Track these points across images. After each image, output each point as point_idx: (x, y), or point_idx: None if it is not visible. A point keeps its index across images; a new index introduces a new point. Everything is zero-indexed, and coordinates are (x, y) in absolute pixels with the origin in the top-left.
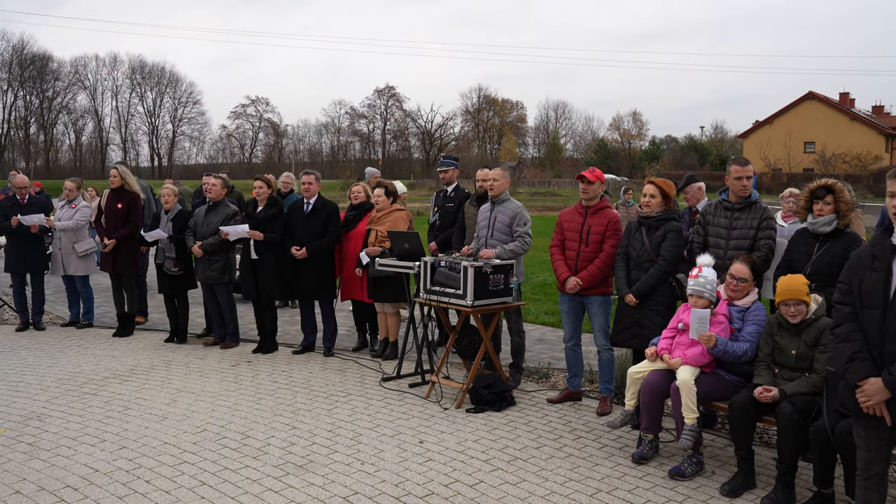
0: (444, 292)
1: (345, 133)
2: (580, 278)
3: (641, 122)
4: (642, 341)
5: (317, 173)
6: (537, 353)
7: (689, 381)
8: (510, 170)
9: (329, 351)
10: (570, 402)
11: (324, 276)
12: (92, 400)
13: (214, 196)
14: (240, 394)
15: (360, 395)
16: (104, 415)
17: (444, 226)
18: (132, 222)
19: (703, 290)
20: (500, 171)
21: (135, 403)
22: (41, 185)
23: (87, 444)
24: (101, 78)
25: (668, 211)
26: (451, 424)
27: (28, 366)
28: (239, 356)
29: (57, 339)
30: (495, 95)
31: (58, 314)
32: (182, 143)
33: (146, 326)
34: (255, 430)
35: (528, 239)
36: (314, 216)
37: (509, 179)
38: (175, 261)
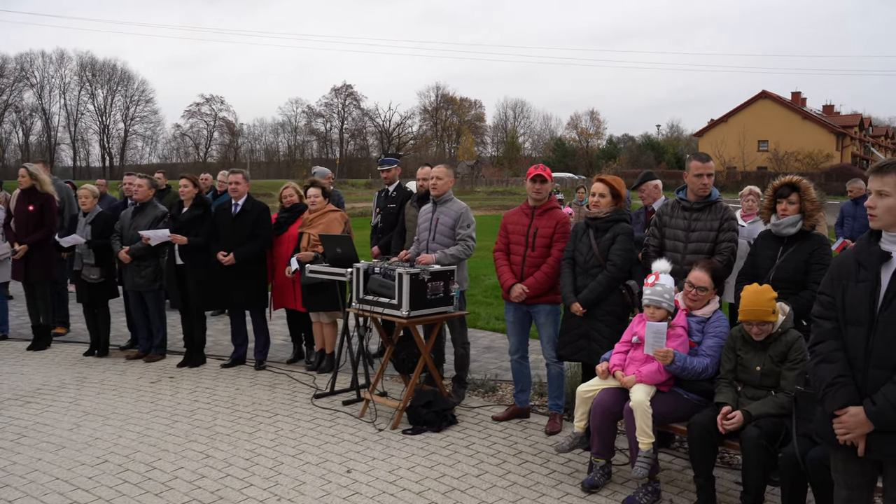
0: (378, 302)
1: (302, 132)
2: (526, 285)
3: (599, 121)
4: (590, 355)
5: (245, 172)
6: (485, 362)
7: (644, 402)
8: (453, 168)
9: (260, 364)
10: (517, 420)
11: (254, 284)
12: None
13: (140, 197)
14: (154, 416)
15: (288, 414)
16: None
17: (386, 228)
18: (46, 226)
19: (660, 301)
20: (442, 169)
21: (32, 430)
22: None
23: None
24: (48, 75)
25: (618, 211)
26: (384, 449)
27: None
28: (162, 371)
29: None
30: (453, 94)
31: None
32: (134, 142)
33: (67, 338)
34: (162, 461)
35: (471, 243)
36: (242, 218)
37: (453, 178)
38: (94, 268)
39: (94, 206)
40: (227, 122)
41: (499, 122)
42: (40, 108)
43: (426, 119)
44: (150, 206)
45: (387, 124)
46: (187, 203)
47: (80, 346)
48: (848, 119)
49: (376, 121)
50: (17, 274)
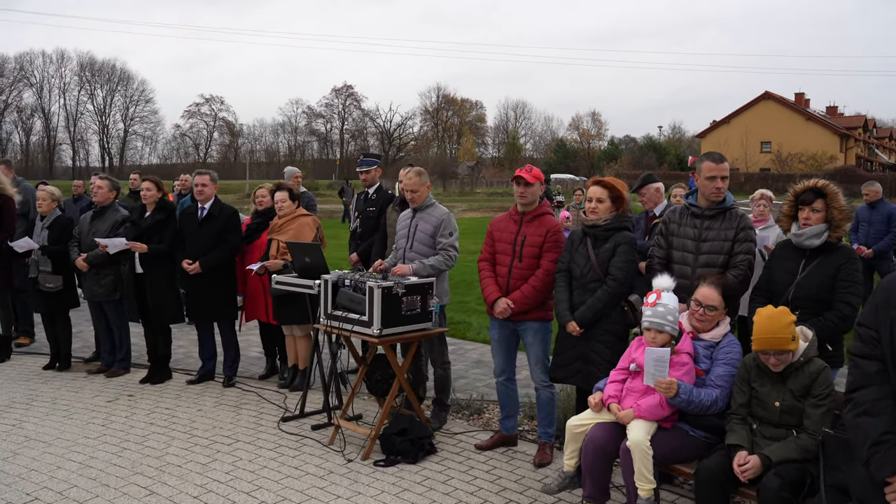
0: (348, 318)
1: (302, 133)
2: (512, 300)
3: (601, 122)
4: (587, 378)
5: (212, 173)
6: (473, 379)
7: (644, 442)
8: (426, 173)
9: (229, 380)
10: (503, 448)
11: (221, 294)
12: None
13: (100, 200)
14: (102, 441)
15: (251, 441)
16: None
17: (365, 233)
18: (3, 231)
19: (662, 324)
20: (415, 179)
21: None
22: None
23: None
24: (48, 75)
25: (619, 218)
26: (351, 485)
27: None
28: (122, 387)
29: None
30: (454, 95)
31: None
32: (134, 142)
33: (30, 349)
34: (98, 500)
35: (452, 252)
36: (209, 224)
37: (427, 183)
38: (52, 275)
39: (52, 209)
40: (227, 122)
41: (500, 122)
42: (40, 108)
43: (427, 120)
44: (110, 210)
45: (387, 125)
46: (150, 207)
47: (42, 358)
48: (852, 120)
49: (377, 121)
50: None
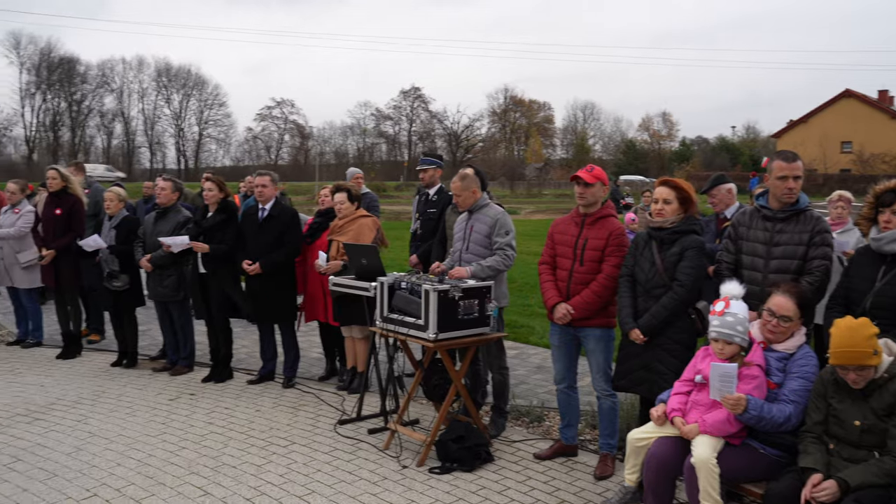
0: (403, 321)
1: (370, 135)
2: (572, 305)
3: (671, 122)
4: (651, 388)
5: (273, 174)
6: (534, 385)
7: (710, 459)
8: (472, 175)
9: (289, 381)
10: (563, 459)
11: (282, 296)
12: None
13: (163, 201)
14: (161, 440)
15: (306, 443)
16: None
17: (426, 235)
18: (73, 230)
19: (731, 334)
20: (457, 184)
21: (29, 453)
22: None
23: None
24: (127, 81)
25: (688, 220)
26: (405, 492)
27: None
28: (185, 386)
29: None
30: (522, 96)
31: (12, 330)
32: (208, 145)
33: (100, 346)
34: (153, 498)
35: (510, 252)
36: (270, 225)
37: (475, 185)
38: (119, 274)
39: (119, 209)
40: (298, 125)
41: (568, 124)
42: (120, 113)
43: (494, 121)
44: (172, 211)
45: (455, 126)
46: (212, 207)
47: (110, 354)
48: None
49: (444, 123)
50: (46, 279)
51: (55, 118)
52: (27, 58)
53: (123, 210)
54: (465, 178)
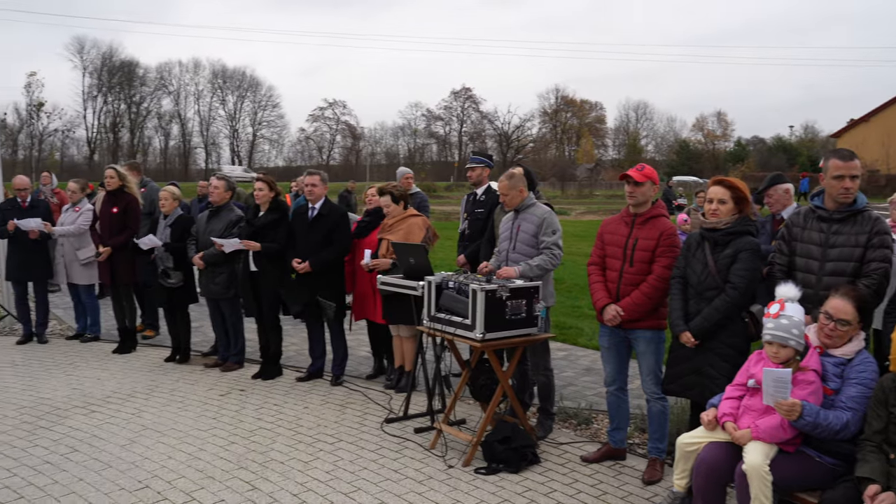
0: (451, 321)
1: (421, 135)
2: (621, 307)
3: (726, 122)
4: (703, 393)
5: (322, 173)
6: (582, 387)
7: (762, 466)
8: (519, 175)
9: (337, 379)
10: (611, 462)
11: (331, 294)
12: (41, 437)
13: (216, 199)
14: (211, 435)
15: (353, 441)
16: (42, 459)
17: (473, 235)
18: (129, 228)
19: (786, 337)
20: (504, 182)
21: (86, 444)
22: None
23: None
24: (184, 83)
25: (742, 221)
26: (450, 491)
27: (1, 388)
28: (235, 382)
29: (53, 355)
30: (573, 96)
31: (72, 325)
32: (262, 145)
33: (154, 342)
34: (203, 492)
35: (556, 251)
36: (319, 224)
37: (521, 186)
38: (173, 272)
39: (173, 208)
40: (349, 125)
41: (620, 124)
42: (177, 115)
43: (545, 121)
44: (225, 210)
45: (506, 127)
46: (263, 207)
47: (164, 350)
48: None
49: (495, 123)
50: (103, 276)
51: (115, 120)
52: (90, 62)
53: (178, 209)
54: (512, 178)
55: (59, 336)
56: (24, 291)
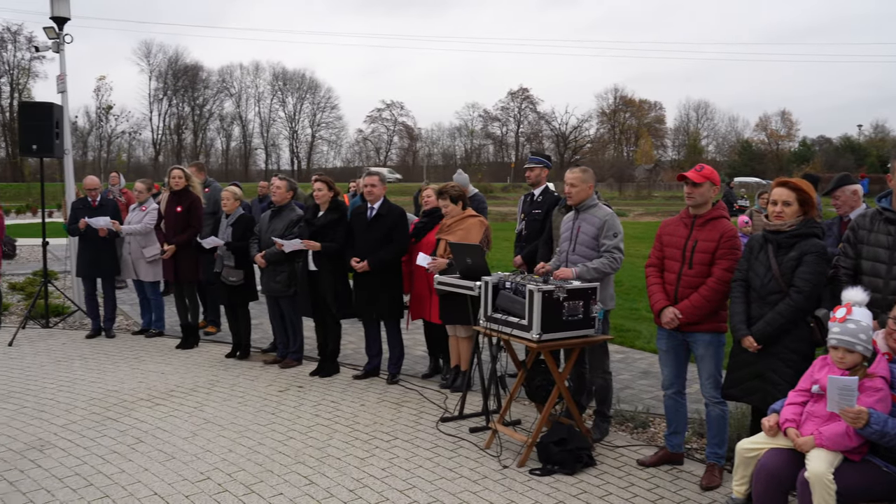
0: (507, 321)
1: (478, 136)
2: (680, 309)
3: (791, 121)
4: (764, 398)
5: (382, 173)
6: (639, 391)
7: (826, 475)
8: (592, 172)
9: (393, 378)
10: (667, 467)
11: (389, 293)
12: (109, 428)
13: (278, 199)
14: (271, 429)
15: (408, 439)
16: (110, 449)
17: (530, 235)
18: (192, 227)
19: (853, 342)
20: (577, 174)
21: (150, 435)
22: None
23: (68, 489)
24: (245, 85)
25: (807, 223)
26: (504, 491)
27: (71, 381)
28: (293, 379)
29: (120, 349)
30: (632, 96)
31: (137, 321)
32: (320, 146)
33: (216, 338)
34: (262, 485)
35: (617, 255)
36: (378, 223)
37: (591, 183)
38: (234, 270)
39: (235, 208)
40: (407, 126)
41: (680, 124)
42: (238, 116)
43: (603, 122)
44: (287, 210)
45: (563, 127)
46: (323, 207)
47: (225, 346)
48: None
49: (552, 124)
50: (167, 273)
51: (179, 122)
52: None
53: (239, 208)
54: (587, 172)
55: (125, 331)
56: (92, 288)
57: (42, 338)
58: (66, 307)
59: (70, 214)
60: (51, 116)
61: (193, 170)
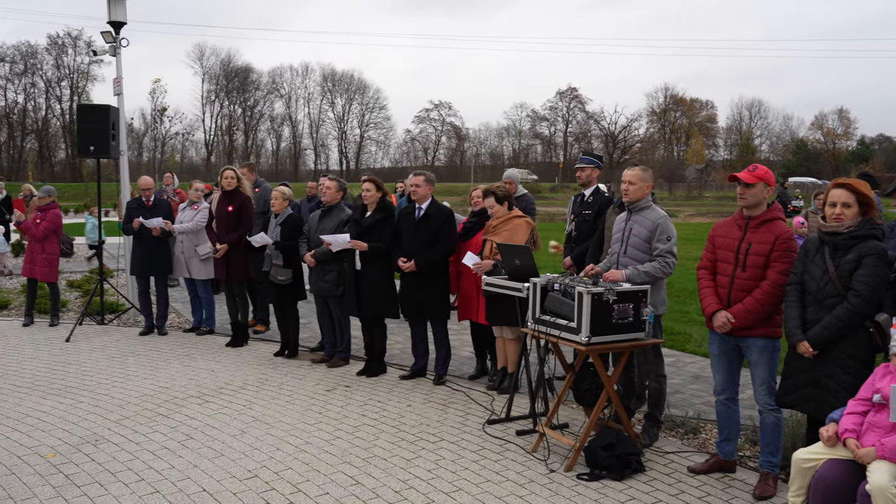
0: (556, 323)
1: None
2: (733, 314)
3: (848, 119)
4: (821, 406)
5: (428, 174)
6: (690, 395)
7: (889, 488)
8: (651, 172)
9: (440, 378)
10: (719, 474)
11: (436, 294)
12: (161, 424)
13: (328, 199)
14: (317, 429)
15: (455, 441)
16: (161, 445)
17: (580, 237)
18: (243, 226)
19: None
20: (637, 173)
21: (200, 432)
22: (210, 187)
23: (121, 484)
24: (295, 87)
25: (867, 224)
26: (551, 496)
27: (125, 377)
28: (340, 378)
29: (171, 347)
30: (683, 95)
31: (189, 318)
32: (368, 147)
33: (265, 336)
34: (309, 483)
35: (670, 259)
36: (425, 223)
37: (650, 182)
38: (283, 269)
39: (284, 207)
40: (455, 126)
41: (732, 123)
42: (288, 117)
43: (653, 121)
44: (336, 210)
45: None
46: (371, 207)
47: (273, 344)
48: None
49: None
50: (218, 272)
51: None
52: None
53: (288, 208)
54: (646, 171)
55: (177, 329)
56: (146, 286)
57: (97, 334)
58: (120, 305)
59: (125, 214)
60: (107, 118)
61: (245, 170)
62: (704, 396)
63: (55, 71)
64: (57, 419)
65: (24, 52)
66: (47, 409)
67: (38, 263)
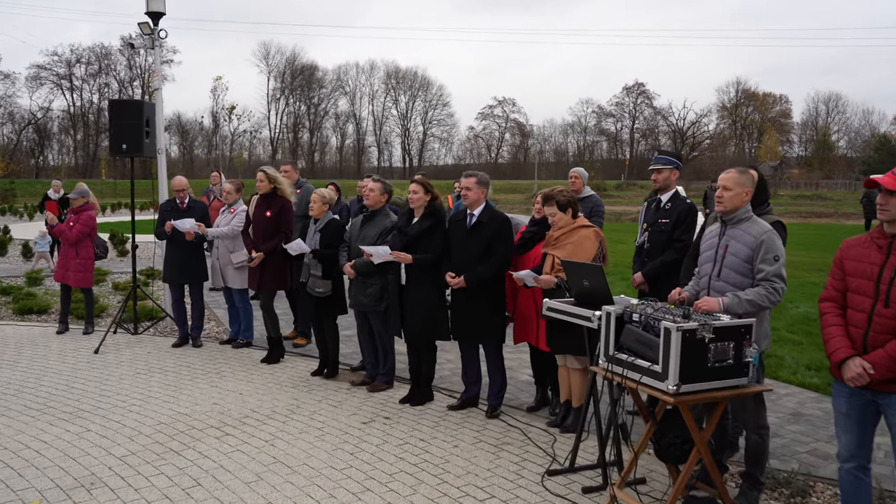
0: (634, 364)
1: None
2: (871, 361)
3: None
4: None
5: (480, 174)
6: (791, 440)
7: None
8: (753, 175)
9: (493, 411)
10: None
11: (488, 314)
12: (169, 463)
13: (371, 203)
14: (345, 475)
15: (507, 498)
16: (162, 493)
17: (654, 249)
18: (282, 233)
19: None
20: (733, 175)
21: (210, 477)
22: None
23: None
24: (359, 84)
25: None
26: None
27: (145, 398)
28: (381, 407)
29: (203, 362)
30: (755, 89)
31: (228, 327)
32: (431, 144)
33: (304, 351)
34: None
35: (779, 285)
36: (477, 232)
37: (749, 188)
38: (321, 280)
39: (324, 212)
40: (518, 123)
41: (808, 118)
42: (352, 114)
43: (724, 117)
44: (380, 215)
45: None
46: (418, 213)
47: (312, 361)
48: None
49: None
50: (251, 283)
51: (296, 121)
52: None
53: (329, 213)
54: (744, 174)
55: (214, 340)
56: (180, 293)
57: (129, 345)
58: (158, 311)
59: (157, 217)
60: (141, 114)
61: (289, 168)
62: (809, 442)
63: (128, 71)
64: (57, 453)
65: (99, 54)
66: (49, 440)
67: (71, 269)
